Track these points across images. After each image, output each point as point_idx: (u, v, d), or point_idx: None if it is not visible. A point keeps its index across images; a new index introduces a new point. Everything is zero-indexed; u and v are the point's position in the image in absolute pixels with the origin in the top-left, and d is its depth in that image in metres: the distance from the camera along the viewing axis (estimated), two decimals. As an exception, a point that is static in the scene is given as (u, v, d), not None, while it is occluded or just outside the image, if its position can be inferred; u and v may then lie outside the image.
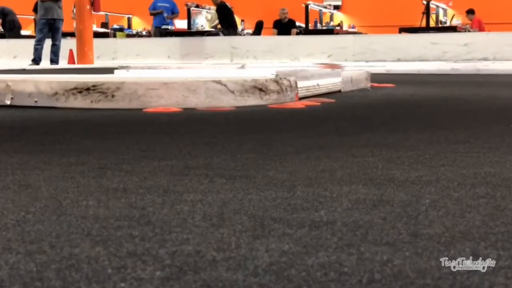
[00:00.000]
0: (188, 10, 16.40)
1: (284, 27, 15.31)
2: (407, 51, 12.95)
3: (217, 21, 16.08)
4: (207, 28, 16.68)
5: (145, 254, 1.27)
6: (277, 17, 15.55)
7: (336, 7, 18.99)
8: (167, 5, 15.64)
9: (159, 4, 15.67)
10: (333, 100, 5.42)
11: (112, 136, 3.31)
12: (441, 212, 1.58)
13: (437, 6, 15.84)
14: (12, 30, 16.66)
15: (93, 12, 13.01)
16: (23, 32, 17.73)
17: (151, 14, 16.06)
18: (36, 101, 4.87)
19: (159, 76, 6.07)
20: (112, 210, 1.64)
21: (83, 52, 12.75)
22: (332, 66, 9.30)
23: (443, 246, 1.30)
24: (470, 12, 15.34)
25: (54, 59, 11.91)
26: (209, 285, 1.10)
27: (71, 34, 13.67)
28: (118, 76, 6.77)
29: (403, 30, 14.64)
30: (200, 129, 3.61)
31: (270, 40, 14.76)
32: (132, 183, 1.98)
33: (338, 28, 16.74)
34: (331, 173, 2.12)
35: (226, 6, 15.26)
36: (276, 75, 5.28)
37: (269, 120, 4.17)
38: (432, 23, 15.22)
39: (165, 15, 15.75)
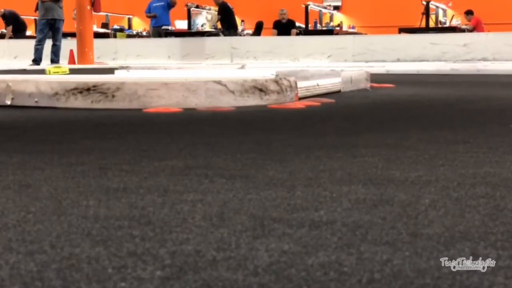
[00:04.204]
0: (188, 11, 16.39)
1: (284, 27, 15.30)
2: (406, 52, 12.95)
3: (217, 20, 16.05)
4: (207, 28, 16.68)
5: (145, 254, 1.27)
6: (277, 18, 15.56)
7: (336, 8, 19.01)
8: (162, 3, 15.57)
9: (154, 5, 15.62)
10: (333, 100, 5.42)
11: (113, 136, 3.31)
12: (441, 212, 1.58)
13: (437, 7, 15.85)
14: (21, 32, 16.67)
15: (93, 13, 13.04)
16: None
17: (148, 16, 16.05)
18: (36, 101, 4.87)
19: (160, 77, 6.08)
20: (113, 210, 1.64)
21: (83, 52, 12.77)
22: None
23: (442, 246, 1.30)
24: (469, 13, 15.37)
25: (54, 59, 11.91)
26: (209, 285, 1.10)
27: (72, 35, 13.68)
28: (118, 76, 6.77)
29: (403, 30, 14.65)
30: (200, 129, 3.61)
31: (270, 40, 14.76)
32: (133, 183, 1.99)
33: (337, 28, 16.75)
34: (331, 173, 2.12)
35: (227, 6, 15.26)
36: (276, 75, 5.28)
37: (269, 120, 4.17)
38: (431, 24, 15.24)
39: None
